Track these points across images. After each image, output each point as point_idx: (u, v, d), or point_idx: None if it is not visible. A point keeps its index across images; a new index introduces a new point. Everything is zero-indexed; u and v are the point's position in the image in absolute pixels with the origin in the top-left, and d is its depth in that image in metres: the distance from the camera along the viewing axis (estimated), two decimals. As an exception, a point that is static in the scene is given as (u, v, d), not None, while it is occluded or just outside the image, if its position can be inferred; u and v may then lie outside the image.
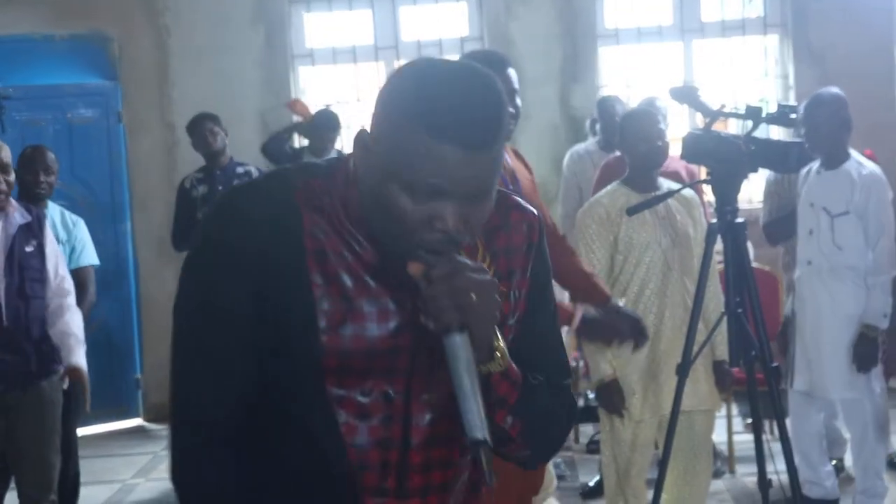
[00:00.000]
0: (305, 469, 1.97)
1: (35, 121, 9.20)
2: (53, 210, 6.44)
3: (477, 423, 1.83)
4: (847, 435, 6.38)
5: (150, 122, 9.52)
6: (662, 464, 4.83)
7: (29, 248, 5.25)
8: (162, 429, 9.26)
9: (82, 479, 6.48)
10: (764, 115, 4.72)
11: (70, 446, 6.07)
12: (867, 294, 5.84)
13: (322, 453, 1.95)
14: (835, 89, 6.06)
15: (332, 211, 1.93)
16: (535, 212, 2.13)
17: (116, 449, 8.72)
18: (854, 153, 5.99)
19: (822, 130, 5.83)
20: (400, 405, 1.98)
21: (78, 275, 6.27)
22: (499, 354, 1.92)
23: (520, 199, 2.13)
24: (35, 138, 7.87)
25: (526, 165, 4.28)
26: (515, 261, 2.08)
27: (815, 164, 5.94)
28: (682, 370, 4.70)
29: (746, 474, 6.86)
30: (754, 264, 5.87)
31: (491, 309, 1.85)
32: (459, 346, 1.84)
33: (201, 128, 7.93)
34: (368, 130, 1.88)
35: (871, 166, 5.95)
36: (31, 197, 6.15)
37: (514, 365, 1.96)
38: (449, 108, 1.77)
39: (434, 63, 1.87)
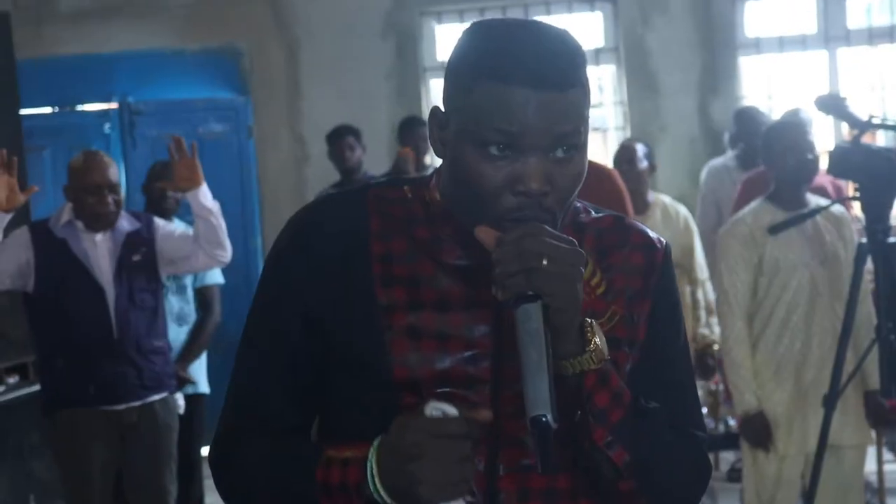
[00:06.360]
0: None
1: (165, 136, 9.16)
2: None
3: (542, 399, 1.55)
4: None
5: (280, 137, 9.45)
6: (808, 502, 4.53)
7: (136, 257, 5.14)
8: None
9: (207, 500, 6.38)
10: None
11: (193, 469, 5.98)
12: None
13: None
14: None
15: (406, 213, 1.80)
16: (663, 240, 1.91)
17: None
18: None
19: None
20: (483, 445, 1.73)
21: (203, 294, 6.20)
22: (592, 347, 1.66)
23: (645, 227, 1.92)
24: (165, 154, 7.76)
25: None
26: (633, 280, 1.85)
27: None
28: (830, 402, 4.41)
29: (899, 508, 6.51)
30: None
31: (569, 278, 1.62)
32: (529, 315, 1.59)
33: (341, 141, 7.68)
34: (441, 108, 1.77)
35: None
36: (159, 212, 6.05)
37: (616, 374, 1.71)
38: (514, 49, 1.67)
39: (493, 19, 1.80)
